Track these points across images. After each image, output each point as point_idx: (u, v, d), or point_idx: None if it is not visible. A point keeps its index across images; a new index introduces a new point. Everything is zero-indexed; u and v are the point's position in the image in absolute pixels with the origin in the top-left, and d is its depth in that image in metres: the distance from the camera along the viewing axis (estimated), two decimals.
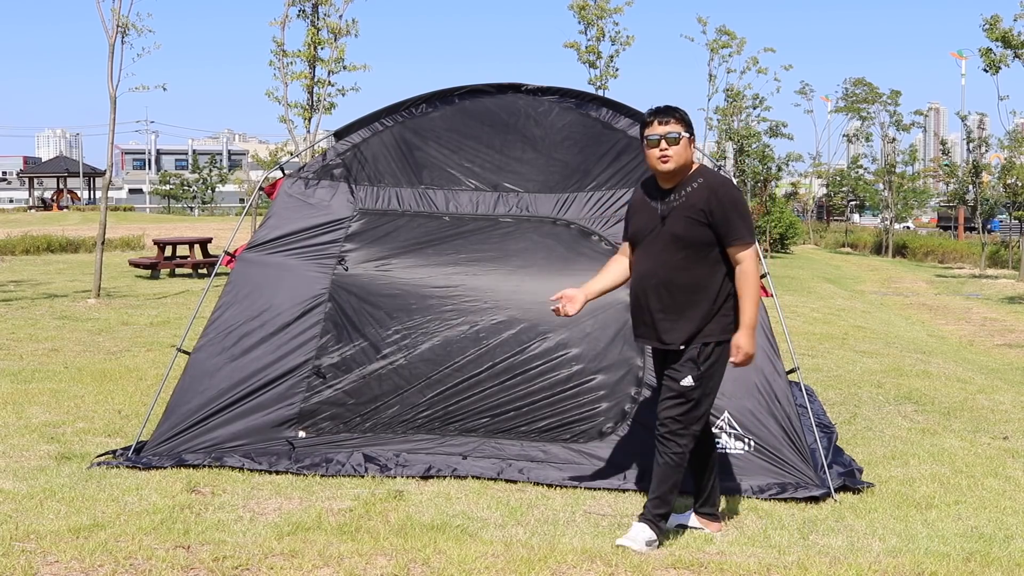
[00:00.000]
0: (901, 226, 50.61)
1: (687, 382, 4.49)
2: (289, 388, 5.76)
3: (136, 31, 14.85)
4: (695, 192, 4.49)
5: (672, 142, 4.46)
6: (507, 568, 4.11)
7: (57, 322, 11.80)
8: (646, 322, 4.56)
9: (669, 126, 4.49)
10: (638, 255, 4.61)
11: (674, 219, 4.47)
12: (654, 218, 4.53)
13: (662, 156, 4.47)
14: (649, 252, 4.54)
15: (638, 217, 4.62)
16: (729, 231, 4.44)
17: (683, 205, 4.48)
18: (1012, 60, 20.77)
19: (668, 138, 4.47)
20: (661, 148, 4.47)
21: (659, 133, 4.48)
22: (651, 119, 4.53)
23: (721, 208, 4.44)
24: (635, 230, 4.62)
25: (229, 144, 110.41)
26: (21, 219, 41.30)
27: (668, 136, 4.47)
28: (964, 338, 13.72)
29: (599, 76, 20.08)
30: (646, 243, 4.55)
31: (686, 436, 4.49)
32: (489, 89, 6.14)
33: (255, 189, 7.29)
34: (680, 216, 4.46)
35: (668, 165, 4.47)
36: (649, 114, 4.56)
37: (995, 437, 6.88)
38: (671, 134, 4.47)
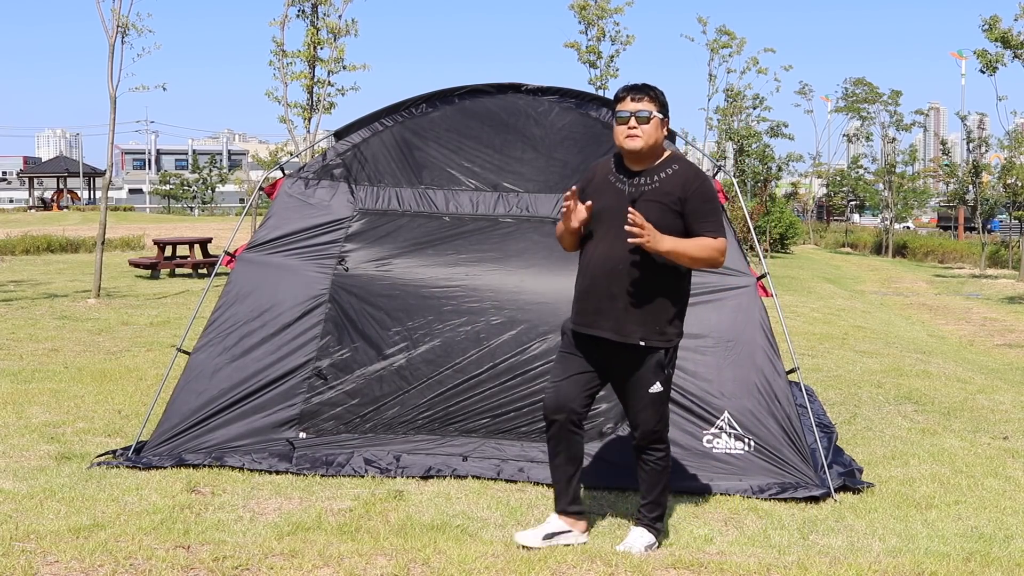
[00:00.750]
0: (901, 226, 50.60)
1: (656, 388, 4.36)
2: (290, 389, 5.76)
3: (136, 31, 14.85)
4: (670, 179, 4.31)
5: (642, 120, 4.27)
6: (507, 568, 4.11)
7: (57, 322, 11.80)
8: (603, 310, 4.29)
9: (641, 103, 4.30)
10: (597, 237, 4.34)
11: (644, 203, 4.26)
12: (620, 199, 4.30)
13: (630, 134, 4.28)
14: (613, 236, 4.27)
15: (599, 196, 4.35)
16: (702, 223, 4.29)
17: (656, 190, 4.30)
18: (1011, 60, 20.77)
19: (638, 116, 4.27)
20: (630, 126, 4.28)
21: (629, 110, 4.29)
22: (624, 95, 4.33)
23: (696, 200, 4.29)
24: (595, 210, 4.34)
25: (229, 144, 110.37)
26: (21, 219, 41.29)
27: (639, 114, 4.28)
28: (964, 338, 13.71)
29: (599, 76, 20.07)
30: (608, 225, 4.30)
31: (664, 438, 4.47)
32: (489, 89, 6.13)
33: (255, 189, 7.28)
34: (652, 201, 4.27)
35: (635, 143, 4.28)
36: (622, 90, 4.36)
37: (995, 437, 6.88)
38: (642, 112, 4.28)
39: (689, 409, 5.52)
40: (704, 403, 5.52)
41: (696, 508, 5.11)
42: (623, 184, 4.35)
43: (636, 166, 4.37)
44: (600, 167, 4.51)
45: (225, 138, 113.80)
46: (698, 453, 5.46)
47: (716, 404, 5.51)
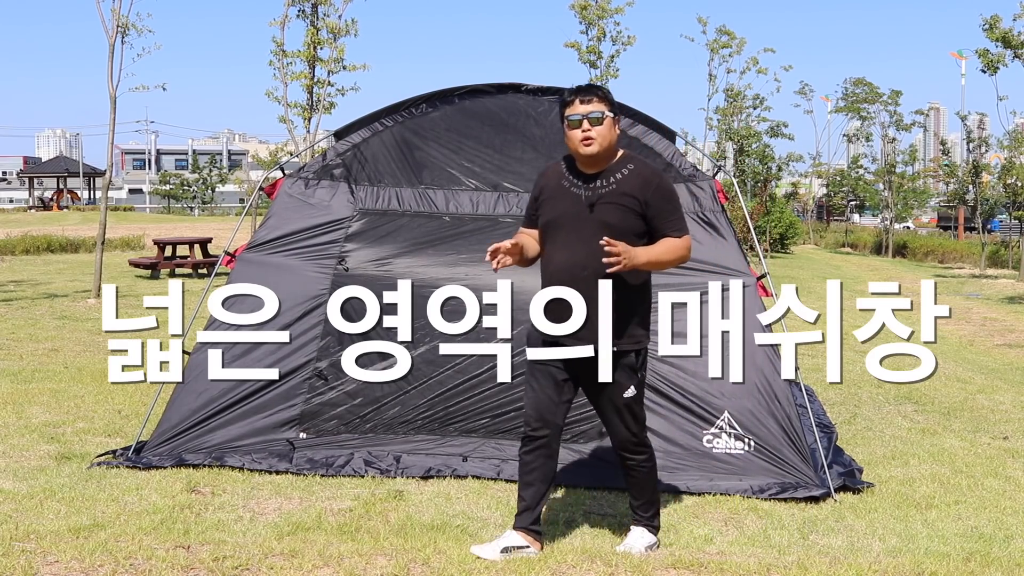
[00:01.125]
0: (901, 226, 50.59)
1: (630, 392, 4.28)
2: (290, 389, 5.76)
3: (136, 31, 14.88)
4: (627, 179, 4.22)
5: (595, 122, 4.17)
6: (507, 568, 4.11)
7: (57, 322, 11.80)
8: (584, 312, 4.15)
9: (591, 105, 4.19)
10: (557, 245, 4.23)
11: (604, 207, 4.17)
12: (578, 204, 4.20)
13: (585, 138, 4.17)
14: (573, 242, 4.17)
15: (555, 203, 4.24)
16: (666, 223, 4.23)
17: (613, 192, 4.20)
18: (1011, 60, 20.77)
19: (590, 118, 4.17)
20: (583, 129, 4.17)
21: (581, 113, 4.18)
22: (571, 98, 4.22)
23: (658, 200, 4.22)
24: (552, 217, 4.23)
25: (229, 144, 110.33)
26: (21, 219, 41.28)
27: (590, 116, 4.17)
28: (964, 338, 13.71)
29: (600, 76, 20.06)
30: (568, 231, 4.19)
31: (645, 440, 4.43)
32: (489, 89, 6.13)
33: (255, 189, 7.28)
34: (611, 204, 4.18)
35: (592, 148, 4.17)
36: (569, 93, 4.25)
37: (995, 437, 6.88)
38: (593, 113, 4.18)
39: (689, 409, 5.52)
40: (704, 403, 5.52)
41: (696, 508, 5.11)
42: (579, 189, 4.25)
43: (591, 169, 4.27)
44: (550, 173, 4.38)
45: (225, 138, 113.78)
46: (698, 453, 5.46)
47: (716, 404, 5.51)
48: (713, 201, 5.99)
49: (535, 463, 4.32)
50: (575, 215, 4.20)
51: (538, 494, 4.34)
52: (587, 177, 4.26)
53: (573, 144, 4.24)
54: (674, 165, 6.04)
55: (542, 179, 4.40)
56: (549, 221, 4.25)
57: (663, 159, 6.04)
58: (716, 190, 6.03)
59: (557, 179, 4.32)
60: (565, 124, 4.25)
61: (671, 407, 5.54)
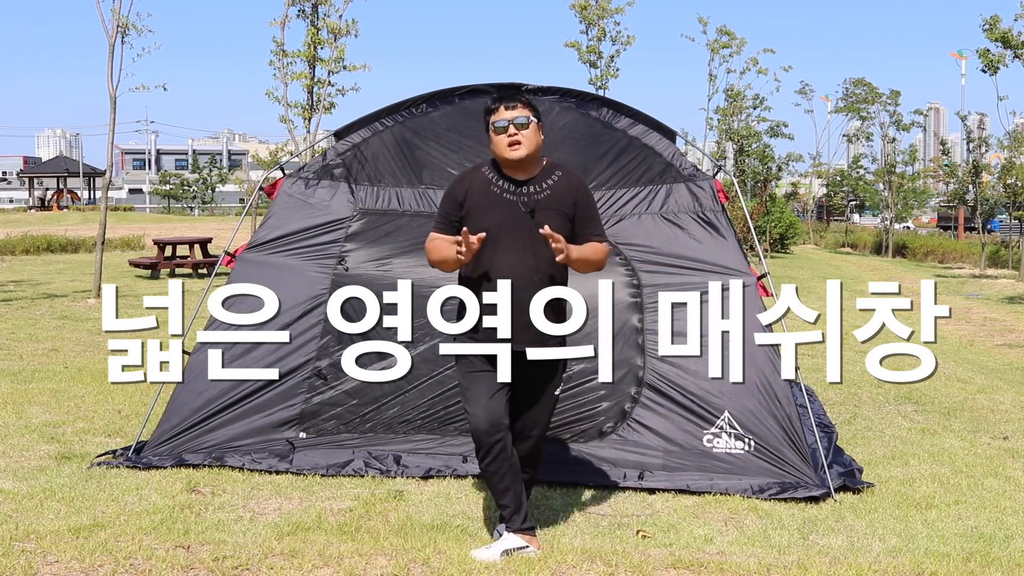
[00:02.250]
0: (901, 226, 50.58)
1: (559, 389, 4.48)
2: (290, 389, 5.76)
3: (136, 31, 14.86)
4: (558, 185, 4.30)
5: (521, 127, 4.22)
6: (507, 568, 4.11)
7: (57, 322, 11.80)
8: (521, 324, 4.17)
9: (517, 111, 4.24)
10: (499, 251, 4.22)
11: (544, 213, 4.22)
12: (515, 210, 4.23)
13: (512, 143, 4.21)
14: (519, 248, 4.20)
15: (490, 210, 4.24)
16: (590, 228, 4.33)
17: (550, 198, 4.27)
18: (1011, 60, 20.77)
19: (516, 123, 4.22)
20: (510, 134, 4.21)
21: (506, 119, 4.23)
22: (496, 105, 4.27)
23: (584, 205, 4.32)
24: (490, 224, 4.21)
25: (229, 144, 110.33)
26: (21, 219, 41.28)
27: (516, 121, 4.22)
28: (964, 338, 13.71)
29: (600, 76, 20.08)
30: (511, 238, 4.21)
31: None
32: (489, 89, 6.12)
33: (255, 189, 7.28)
34: (550, 210, 4.24)
35: (519, 152, 4.22)
36: (492, 100, 4.31)
37: (995, 437, 6.88)
38: (519, 119, 4.23)
39: (689, 409, 5.52)
40: (704, 403, 5.52)
41: (696, 508, 5.11)
42: (513, 196, 4.28)
43: (520, 175, 4.31)
44: (474, 180, 4.35)
45: (225, 138, 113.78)
46: (698, 453, 5.46)
47: (716, 404, 5.51)
48: (713, 201, 5.99)
49: (502, 470, 4.30)
50: (517, 221, 4.24)
51: (518, 495, 4.34)
52: (518, 183, 4.30)
53: (500, 150, 4.27)
54: (674, 165, 6.04)
55: (462, 185, 4.36)
56: (487, 228, 4.20)
57: (663, 159, 6.05)
58: (716, 190, 6.03)
59: (484, 186, 4.32)
60: (491, 130, 4.29)
61: (671, 407, 5.54)
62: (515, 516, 4.32)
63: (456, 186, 4.38)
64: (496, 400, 4.27)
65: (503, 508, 4.36)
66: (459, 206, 4.33)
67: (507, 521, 4.36)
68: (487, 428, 4.25)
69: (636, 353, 5.65)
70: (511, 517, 4.33)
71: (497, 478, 4.31)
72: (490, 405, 4.27)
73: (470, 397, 4.33)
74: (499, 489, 4.33)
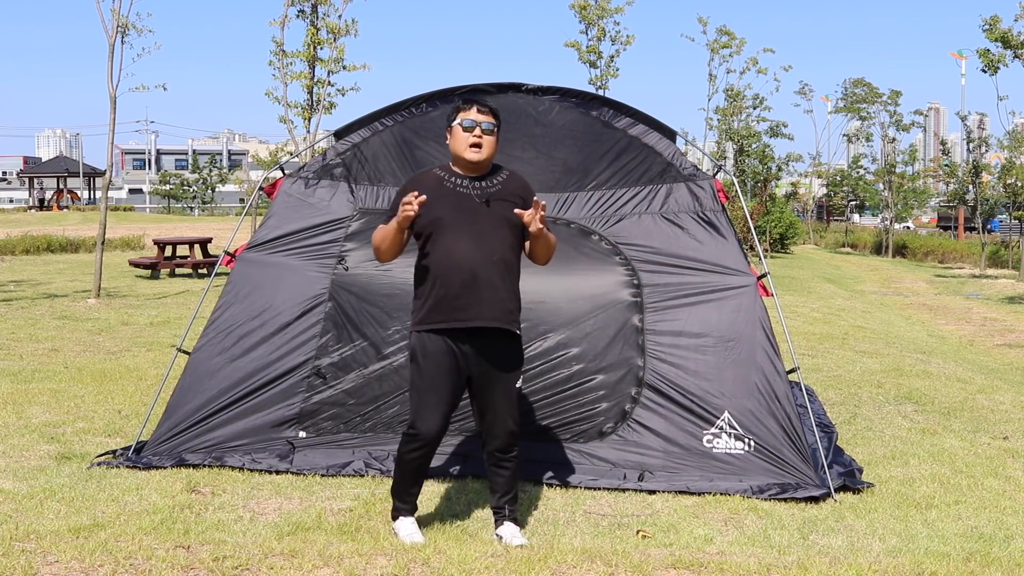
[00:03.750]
0: (901, 226, 50.60)
1: (519, 382, 4.58)
2: (289, 388, 5.76)
3: (136, 31, 14.86)
4: (509, 181, 4.56)
5: (487, 132, 4.47)
6: (507, 568, 4.10)
7: (57, 322, 11.80)
8: (488, 300, 4.37)
9: (487, 117, 4.49)
10: (459, 237, 4.38)
11: (498, 203, 4.45)
12: (469, 201, 4.44)
13: (475, 144, 4.45)
14: (477, 234, 4.38)
15: (444, 201, 4.41)
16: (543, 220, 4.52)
17: (502, 191, 4.50)
18: (1011, 60, 20.77)
19: (484, 127, 4.46)
20: (475, 135, 4.44)
21: (476, 120, 4.46)
22: (469, 105, 4.49)
23: (530, 200, 4.49)
24: (443, 213, 4.39)
25: (229, 144, 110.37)
26: (21, 219, 41.28)
27: (483, 125, 4.46)
28: (964, 338, 13.71)
29: (600, 76, 20.07)
30: (468, 224, 4.39)
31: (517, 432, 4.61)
32: (489, 89, 6.13)
33: (255, 189, 7.28)
34: (504, 200, 4.47)
35: (479, 155, 4.45)
36: (465, 101, 4.53)
37: (995, 437, 6.88)
38: (486, 124, 4.47)
39: (689, 409, 5.52)
40: (704, 403, 5.52)
41: (696, 508, 5.11)
42: (466, 188, 4.49)
43: (472, 172, 4.53)
44: (425, 178, 4.53)
45: (225, 138, 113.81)
46: (698, 453, 5.46)
47: (716, 404, 5.51)
48: (713, 201, 5.99)
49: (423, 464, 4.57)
50: (472, 210, 4.43)
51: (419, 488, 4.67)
52: (470, 179, 4.52)
53: (460, 147, 4.47)
54: (674, 164, 6.04)
55: (413, 184, 4.50)
56: (440, 217, 4.40)
57: (663, 158, 6.05)
58: (716, 189, 6.03)
59: (436, 182, 4.50)
60: (457, 126, 4.48)
61: (671, 407, 5.54)
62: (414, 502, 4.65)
63: (408, 185, 4.54)
64: (448, 405, 4.47)
65: (410, 496, 4.62)
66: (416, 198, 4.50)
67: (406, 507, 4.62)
68: (434, 430, 4.45)
69: (636, 353, 5.64)
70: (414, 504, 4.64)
71: (417, 474, 4.58)
72: (443, 410, 4.45)
73: (422, 398, 4.46)
74: (415, 479, 4.60)
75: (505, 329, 4.43)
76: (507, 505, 4.64)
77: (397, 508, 4.65)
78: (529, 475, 5.44)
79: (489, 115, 4.50)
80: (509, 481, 4.62)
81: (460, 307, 4.37)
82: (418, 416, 4.46)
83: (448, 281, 4.37)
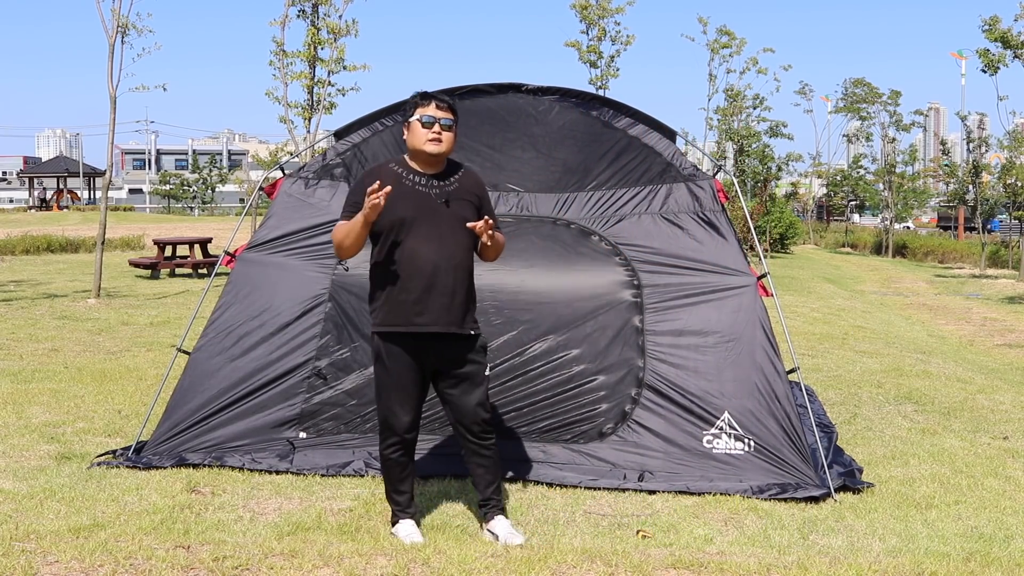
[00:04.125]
0: (901, 226, 50.59)
1: (487, 370, 4.67)
2: (290, 388, 5.76)
3: (136, 31, 14.86)
4: (465, 179, 4.61)
5: (446, 128, 4.51)
6: (507, 568, 4.10)
7: (57, 322, 11.80)
8: (445, 306, 4.44)
9: (446, 113, 4.52)
10: (420, 238, 4.43)
11: (457, 203, 4.51)
12: (430, 201, 4.48)
13: (434, 138, 4.47)
14: (438, 235, 4.44)
15: (405, 201, 4.44)
16: (492, 217, 4.58)
17: (459, 190, 4.55)
18: (1011, 60, 20.76)
19: (443, 123, 4.50)
20: (434, 130, 4.48)
21: (435, 116, 4.49)
22: (427, 101, 4.52)
23: (485, 198, 4.65)
24: (407, 213, 4.43)
25: (229, 144, 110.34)
26: (21, 219, 41.28)
27: (442, 121, 4.50)
28: (964, 338, 13.71)
29: (600, 76, 20.08)
30: (429, 225, 4.44)
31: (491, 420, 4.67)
32: (489, 89, 6.13)
33: (255, 189, 7.28)
34: (462, 200, 4.53)
35: (439, 148, 4.50)
36: (424, 96, 4.55)
37: (995, 437, 6.88)
38: (446, 120, 4.51)
39: (689, 409, 5.52)
40: (704, 403, 5.52)
41: (696, 508, 5.11)
42: (425, 188, 4.52)
43: (430, 170, 4.57)
44: (383, 174, 4.52)
45: (225, 138, 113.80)
46: (698, 453, 5.46)
47: (716, 404, 5.51)
48: (713, 201, 5.99)
49: (410, 462, 4.65)
50: (433, 211, 4.48)
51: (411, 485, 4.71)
52: (428, 178, 4.55)
53: (419, 141, 4.49)
54: (674, 164, 6.04)
55: (371, 179, 4.48)
56: (403, 217, 4.44)
57: (663, 159, 6.05)
58: (716, 189, 6.03)
59: (395, 180, 4.49)
60: (416, 121, 4.50)
61: (671, 407, 5.54)
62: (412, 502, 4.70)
63: (366, 179, 4.53)
64: (418, 401, 4.57)
65: (400, 495, 4.66)
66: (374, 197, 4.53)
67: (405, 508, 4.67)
68: (408, 425, 4.54)
69: (636, 354, 5.64)
70: (407, 506, 4.67)
71: (401, 470, 4.63)
72: (415, 405, 4.56)
73: (393, 395, 4.53)
74: (401, 476, 4.64)
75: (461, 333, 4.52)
76: (494, 496, 4.70)
77: (393, 513, 4.70)
78: (529, 475, 5.45)
79: (448, 111, 4.53)
80: (491, 471, 4.69)
81: (418, 312, 4.43)
82: (389, 414, 4.54)
83: (409, 286, 4.45)
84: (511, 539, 4.53)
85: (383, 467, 4.67)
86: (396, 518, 4.68)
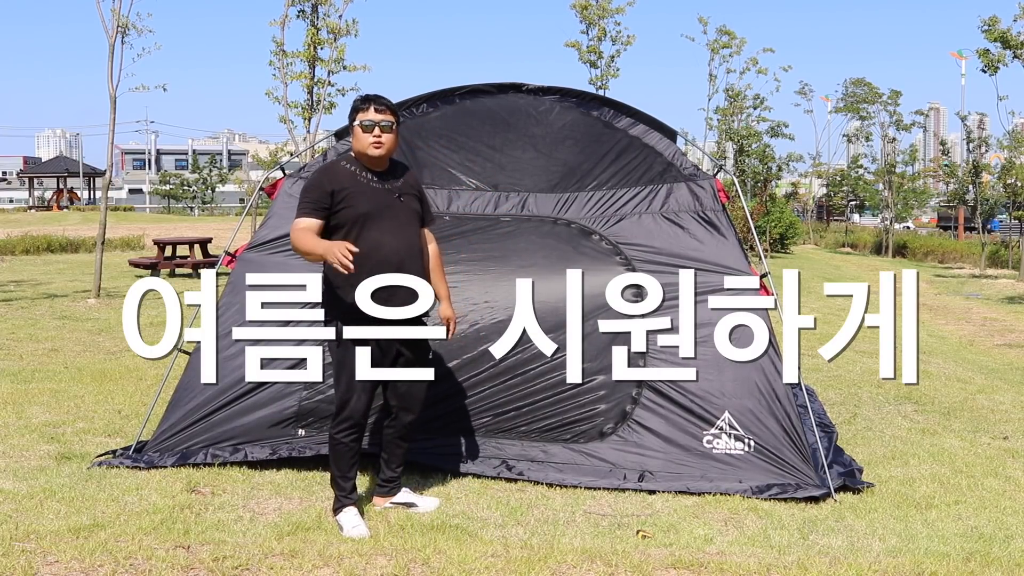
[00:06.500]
0: (901, 226, 50.60)
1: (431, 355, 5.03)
2: (288, 386, 5.75)
3: (136, 31, 14.86)
4: (408, 177, 4.93)
5: (386, 130, 4.72)
6: (507, 568, 4.11)
7: (57, 322, 11.80)
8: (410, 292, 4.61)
9: (385, 115, 4.73)
10: (383, 232, 4.68)
11: (408, 198, 4.83)
12: (387, 197, 4.75)
13: (376, 142, 4.70)
14: (397, 227, 4.73)
15: (364, 197, 4.69)
16: (429, 212, 5.01)
17: (406, 185, 4.86)
18: (1011, 60, 20.76)
19: (382, 126, 4.71)
20: (375, 134, 4.70)
21: (374, 120, 4.71)
22: (366, 105, 4.74)
23: (423, 192, 5.00)
24: (368, 209, 4.68)
25: (229, 144, 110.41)
26: (21, 219, 41.28)
27: (382, 124, 4.71)
28: (964, 338, 13.71)
29: (600, 76, 20.09)
30: (389, 220, 4.71)
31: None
32: (490, 89, 6.13)
33: (255, 189, 7.28)
34: (410, 195, 4.85)
35: (381, 151, 4.72)
36: (362, 100, 4.77)
37: (995, 437, 6.88)
38: (385, 123, 4.72)
39: (689, 409, 5.52)
40: (704, 403, 5.51)
41: (696, 508, 5.11)
42: (379, 184, 4.78)
43: (378, 167, 4.82)
44: (339, 172, 4.75)
45: (225, 138, 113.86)
46: (698, 453, 5.46)
47: (716, 404, 5.51)
48: (714, 200, 5.99)
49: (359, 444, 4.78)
50: (389, 206, 4.76)
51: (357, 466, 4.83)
52: (379, 175, 4.82)
53: (363, 145, 4.74)
54: (675, 164, 6.04)
55: (328, 176, 4.73)
56: (364, 213, 4.68)
57: (664, 158, 6.04)
58: (717, 189, 6.03)
59: (351, 178, 4.75)
60: (357, 126, 4.74)
61: (671, 407, 5.54)
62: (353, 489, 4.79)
63: (323, 177, 4.74)
64: (374, 387, 4.76)
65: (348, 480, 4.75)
66: (329, 195, 4.69)
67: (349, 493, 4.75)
68: (363, 408, 4.70)
69: (637, 354, 5.63)
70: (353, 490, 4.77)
71: (351, 454, 4.74)
72: (371, 390, 4.73)
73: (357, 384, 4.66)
74: (351, 462, 4.75)
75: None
76: (396, 476, 5.04)
77: (338, 499, 4.76)
78: (530, 475, 5.44)
79: (387, 113, 4.74)
80: (402, 452, 5.03)
81: (383, 300, 4.53)
82: (348, 397, 4.68)
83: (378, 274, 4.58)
84: (430, 505, 5.00)
85: (333, 452, 4.76)
86: (340, 504, 4.74)
